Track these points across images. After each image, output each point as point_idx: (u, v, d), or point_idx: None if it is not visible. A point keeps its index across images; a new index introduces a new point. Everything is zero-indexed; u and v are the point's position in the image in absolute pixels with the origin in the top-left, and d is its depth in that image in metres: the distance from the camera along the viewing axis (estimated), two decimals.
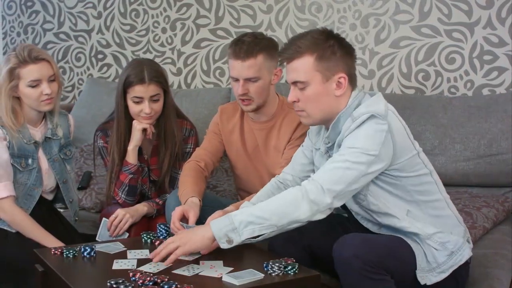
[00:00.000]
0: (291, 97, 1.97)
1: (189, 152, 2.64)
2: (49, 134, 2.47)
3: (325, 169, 1.87)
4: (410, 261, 1.90)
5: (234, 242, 1.83)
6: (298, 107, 1.98)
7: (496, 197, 2.74)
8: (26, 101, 2.37)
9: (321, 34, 1.95)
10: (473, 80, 3.13)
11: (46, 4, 4.31)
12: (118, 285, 1.68)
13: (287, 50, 1.96)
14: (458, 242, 1.96)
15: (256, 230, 1.83)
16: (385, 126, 1.86)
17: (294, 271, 1.80)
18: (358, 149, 1.84)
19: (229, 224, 1.83)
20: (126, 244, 2.09)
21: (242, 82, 2.39)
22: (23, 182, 2.40)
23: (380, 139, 1.85)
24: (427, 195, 1.97)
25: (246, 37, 2.42)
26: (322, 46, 1.92)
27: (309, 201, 1.82)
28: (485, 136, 2.83)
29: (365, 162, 1.84)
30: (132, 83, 2.46)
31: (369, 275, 1.78)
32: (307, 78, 1.92)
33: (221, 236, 1.83)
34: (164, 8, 3.92)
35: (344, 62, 1.94)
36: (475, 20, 3.10)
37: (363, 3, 3.35)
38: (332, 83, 1.93)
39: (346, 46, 1.96)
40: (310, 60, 1.92)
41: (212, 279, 1.76)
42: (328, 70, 1.92)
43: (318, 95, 1.93)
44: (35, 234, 2.34)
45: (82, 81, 4.20)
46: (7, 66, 2.33)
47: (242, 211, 1.87)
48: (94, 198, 3.04)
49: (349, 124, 1.90)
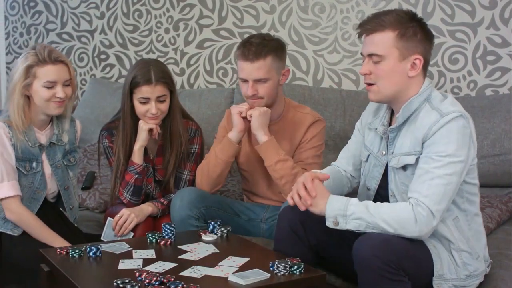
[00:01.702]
0: (364, 70, 1.98)
1: (194, 152, 2.64)
2: (54, 139, 2.46)
3: (425, 186, 1.86)
4: (427, 265, 1.91)
5: (339, 226, 1.89)
6: (370, 80, 1.98)
7: (499, 197, 2.74)
8: (36, 100, 2.35)
9: (406, 14, 1.97)
10: (476, 81, 3.14)
11: (49, 5, 4.32)
12: (125, 285, 1.69)
13: (369, 22, 1.97)
14: (478, 269, 1.99)
15: (362, 227, 1.87)
16: (469, 130, 1.90)
17: (300, 271, 1.80)
18: (450, 156, 1.86)
19: (343, 209, 1.88)
20: (131, 244, 2.09)
21: (251, 83, 2.41)
22: (27, 185, 2.39)
23: (466, 143, 1.89)
24: (473, 207, 2.01)
25: (255, 38, 2.44)
26: (405, 25, 1.93)
27: (420, 224, 1.83)
28: (489, 136, 2.83)
29: (459, 171, 1.87)
30: (139, 83, 2.47)
31: (388, 275, 1.78)
32: (384, 53, 1.94)
33: (330, 216, 1.89)
34: (167, 9, 3.92)
35: (423, 45, 1.95)
36: (478, 21, 3.11)
37: (366, 4, 3.35)
38: (407, 63, 1.94)
39: (428, 32, 1.98)
40: (391, 36, 1.93)
41: (218, 279, 1.77)
42: (407, 49, 1.93)
43: (392, 72, 1.94)
44: (42, 234, 2.34)
45: (85, 81, 4.20)
46: (25, 63, 2.32)
47: (359, 203, 1.89)
48: (98, 198, 3.04)
49: (436, 118, 1.90)
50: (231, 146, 2.48)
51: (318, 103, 3.16)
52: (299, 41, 3.52)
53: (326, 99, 3.20)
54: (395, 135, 2.01)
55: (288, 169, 2.37)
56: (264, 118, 2.44)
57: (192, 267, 1.86)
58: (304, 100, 3.17)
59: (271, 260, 1.83)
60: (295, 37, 3.53)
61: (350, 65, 3.41)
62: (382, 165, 2.06)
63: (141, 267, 1.86)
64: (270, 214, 2.57)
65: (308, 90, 3.28)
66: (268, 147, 2.43)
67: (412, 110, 1.96)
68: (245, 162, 2.60)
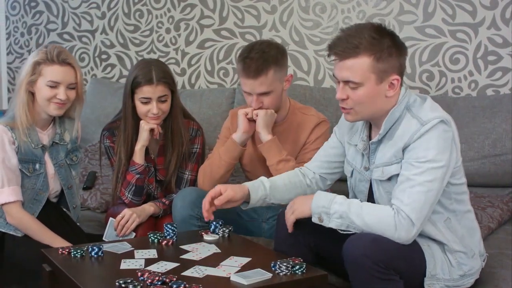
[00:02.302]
0: (341, 95, 1.92)
1: (196, 152, 2.64)
2: (57, 139, 2.46)
3: (405, 194, 1.84)
4: (419, 264, 1.91)
5: (324, 223, 1.91)
6: (347, 105, 1.93)
7: (500, 197, 2.74)
8: (38, 98, 2.35)
9: (377, 32, 1.89)
10: (477, 81, 3.14)
11: (50, 5, 4.32)
12: (127, 284, 1.69)
13: (341, 46, 1.89)
14: (473, 268, 1.98)
15: (344, 226, 1.87)
16: (451, 134, 1.87)
17: (302, 271, 1.80)
18: (430, 162, 1.83)
19: (327, 207, 1.89)
20: (133, 244, 2.09)
21: (255, 97, 2.43)
22: (30, 187, 2.39)
23: (448, 147, 1.86)
24: (463, 205, 1.99)
25: (254, 52, 2.40)
26: (380, 47, 1.86)
27: (399, 233, 1.82)
28: (490, 136, 2.83)
29: (440, 177, 1.84)
30: (140, 83, 2.47)
31: (378, 275, 1.78)
32: (361, 79, 1.87)
33: (315, 212, 1.91)
34: (168, 9, 3.92)
35: (398, 62, 1.91)
36: (479, 21, 3.11)
37: (367, 4, 3.35)
38: (385, 84, 1.90)
39: (400, 45, 1.92)
40: (366, 61, 1.86)
41: (221, 279, 1.77)
42: (384, 71, 1.88)
43: (370, 96, 1.89)
44: (43, 237, 2.34)
45: (86, 81, 4.20)
46: (34, 59, 2.34)
47: (343, 202, 1.88)
48: (99, 198, 3.04)
49: (417, 127, 1.87)
50: (235, 148, 2.49)
51: (319, 103, 3.16)
52: (300, 41, 3.52)
53: (327, 99, 3.20)
54: (375, 147, 1.99)
55: (289, 169, 2.37)
56: (270, 118, 2.45)
57: (194, 267, 1.86)
58: (305, 100, 3.17)
59: (273, 260, 1.83)
60: (296, 37, 3.53)
61: None
62: (367, 180, 2.04)
63: (143, 267, 1.86)
64: (271, 214, 2.57)
65: (309, 90, 3.28)
66: (270, 147, 2.43)
67: (394, 121, 1.94)
68: (248, 163, 2.61)
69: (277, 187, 2.19)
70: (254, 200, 2.14)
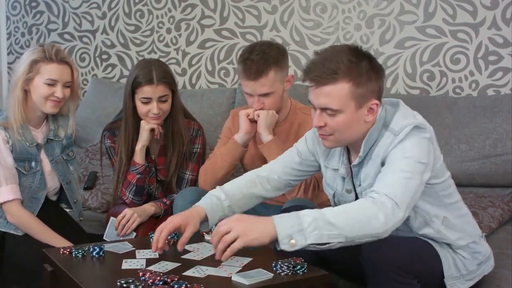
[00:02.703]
0: (318, 122, 1.83)
1: (196, 152, 2.64)
2: (51, 135, 2.47)
3: (387, 181, 1.74)
4: (436, 266, 1.90)
5: (298, 245, 1.65)
6: (325, 132, 1.85)
7: (501, 197, 2.75)
8: (34, 96, 2.36)
9: (354, 55, 1.80)
10: (478, 81, 3.14)
11: (50, 5, 4.32)
12: (128, 284, 1.68)
13: (318, 71, 1.79)
14: (487, 252, 1.97)
15: (324, 237, 1.65)
16: (428, 135, 1.81)
17: (303, 271, 1.80)
18: (410, 158, 1.75)
19: (296, 224, 1.65)
20: (134, 244, 2.09)
21: (257, 98, 2.44)
22: (27, 185, 2.39)
23: (427, 148, 1.79)
24: (452, 198, 1.95)
25: (254, 54, 2.40)
26: (358, 71, 1.78)
27: (386, 215, 1.68)
28: (490, 136, 2.83)
29: (419, 172, 1.76)
30: (141, 83, 2.47)
31: (397, 278, 1.76)
32: (341, 107, 1.79)
33: (284, 237, 1.64)
34: (168, 9, 3.93)
35: (378, 86, 1.83)
36: (480, 21, 3.11)
37: (368, 4, 3.35)
38: (364, 109, 1.82)
39: (378, 67, 1.85)
40: (345, 87, 1.77)
41: (222, 278, 1.77)
42: (363, 97, 1.79)
43: (349, 123, 1.81)
44: (43, 236, 2.34)
45: (86, 81, 4.21)
46: (31, 57, 2.34)
47: (312, 212, 1.67)
48: (100, 198, 3.04)
49: (390, 140, 1.81)
50: (237, 148, 2.49)
51: None
52: (300, 41, 3.53)
53: None
54: (358, 170, 1.92)
55: None
56: (271, 119, 2.46)
57: (195, 267, 1.85)
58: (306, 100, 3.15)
59: (274, 260, 1.83)
60: (297, 37, 3.53)
61: None
62: (350, 201, 1.96)
63: (144, 267, 1.86)
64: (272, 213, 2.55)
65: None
66: (271, 147, 2.43)
67: (373, 141, 1.86)
68: (249, 163, 2.61)
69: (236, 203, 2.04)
70: (213, 222, 1.99)
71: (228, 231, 1.68)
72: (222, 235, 1.68)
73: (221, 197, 2.00)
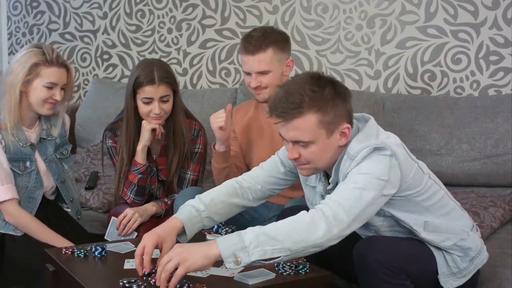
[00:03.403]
0: (292, 155, 1.83)
1: (198, 152, 2.65)
2: (44, 135, 2.47)
3: (340, 191, 1.75)
4: (431, 265, 1.90)
5: (242, 262, 1.64)
6: (301, 162, 1.85)
7: (502, 197, 2.75)
8: (32, 98, 2.36)
9: (316, 84, 1.79)
10: (479, 81, 3.14)
11: (51, 5, 4.32)
12: (131, 284, 1.69)
13: (282, 108, 1.78)
14: (477, 245, 1.96)
15: (268, 253, 1.65)
16: (387, 152, 1.77)
17: (305, 271, 1.81)
18: (368, 174, 1.74)
19: (238, 242, 1.65)
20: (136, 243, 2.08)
21: (254, 75, 2.46)
22: (23, 185, 2.40)
23: (387, 164, 1.76)
24: (432, 199, 1.91)
25: (256, 31, 2.49)
26: (322, 99, 1.78)
27: (328, 224, 1.68)
28: (492, 136, 2.84)
29: (378, 186, 1.74)
30: (142, 83, 2.47)
31: (389, 279, 1.77)
32: (311, 138, 1.79)
33: (228, 255, 1.64)
34: (170, 9, 3.93)
35: (345, 109, 1.83)
36: (481, 21, 3.11)
37: (369, 4, 3.35)
38: (336, 134, 1.82)
39: (342, 91, 1.83)
40: (312, 118, 1.77)
41: (224, 278, 1.77)
42: (332, 123, 1.80)
43: (323, 150, 1.82)
44: (42, 235, 2.34)
45: (87, 81, 4.21)
46: (32, 61, 2.33)
47: (254, 229, 1.68)
48: (102, 198, 3.04)
49: (347, 164, 1.80)
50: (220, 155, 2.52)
51: None
52: (301, 41, 3.53)
53: None
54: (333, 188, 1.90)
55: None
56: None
57: None
58: None
59: None
60: (298, 37, 3.53)
61: (353, 65, 3.41)
62: None
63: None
64: (273, 213, 2.57)
65: None
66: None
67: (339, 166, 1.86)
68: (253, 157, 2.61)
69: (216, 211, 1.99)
70: (191, 235, 1.94)
71: (168, 260, 1.66)
72: (163, 265, 1.66)
73: (200, 208, 1.95)
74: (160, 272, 1.66)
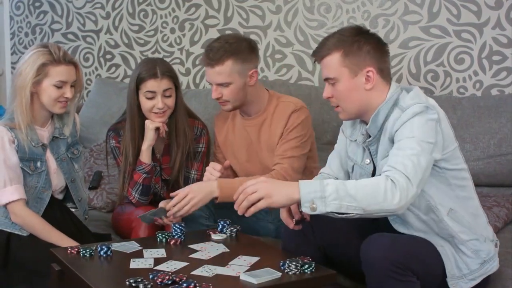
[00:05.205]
0: (326, 93, 2.03)
1: (201, 152, 2.65)
2: (57, 133, 2.48)
3: (398, 159, 1.83)
4: (436, 265, 1.91)
5: (318, 210, 1.76)
6: (333, 103, 2.04)
7: (506, 197, 2.75)
8: (43, 99, 2.36)
9: (348, 31, 2.01)
10: (482, 81, 3.14)
11: (54, 5, 4.32)
12: (137, 283, 1.70)
13: (318, 49, 2.03)
14: (490, 252, 1.98)
15: (343, 207, 1.75)
16: (435, 116, 1.88)
17: (311, 270, 1.81)
18: (417, 137, 1.84)
19: (320, 191, 1.76)
20: (141, 243, 2.10)
21: (214, 87, 2.45)
22: (32, 185, 2.40)
23: (434, 128, 1.87)
24: (466, 191, 1.98)
25: (217, 42, 2.44)
26: (348, 42, 1.97)
27: (401, 192, 1.76)
28: (495, 136, 2.84)
29: (427, 150, 1.84)
30: (145, 78, 2.49)
31: (396, 276, 1.79)
32: (336, 74, 1.98)
33: (306, 200, 1.76)
34: (172, 9, 3.93)
35: (371, 56, 1.97)
36: (484, 21, 3.11)
37: (372, 4, 3.36)
38: (361, 77, 1.97)
39: (376, 42, 2.01)
40: (337, 57, 1.97)
41: (230, 278, 1.78)
42: (356, 65, 1.97)
43: (348, 90, 1.98)
44: (48, 235, 2.34)
45: (90, 81, 4.21)
46: (40, 61, 2.33)
47: (336, 183, 1.78)
48: (105, 198, 3.05)
49: (398, 115, 1.92)
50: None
51: (324, 103, 3.17)
52: (304, 41, 3.53)
53: None
54: (376, 146, 2.01)
55: None
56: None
57: (203, 266, 1.86)
58: (310, 100, 3.18)
59: (282, 259, 1.84)
60: (301, 37, 3.54)
61: None
62: (368, 174, 2.04)
63: (152, 266, 1.87)
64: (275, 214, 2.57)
65: (314, 90, 3.29)
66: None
67: (382, 119, 1.97)
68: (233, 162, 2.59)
69: None
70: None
71: (254, 191, 1.81)
72: (248, 194, 1.82)
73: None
74: (242, 199, 1.83)
